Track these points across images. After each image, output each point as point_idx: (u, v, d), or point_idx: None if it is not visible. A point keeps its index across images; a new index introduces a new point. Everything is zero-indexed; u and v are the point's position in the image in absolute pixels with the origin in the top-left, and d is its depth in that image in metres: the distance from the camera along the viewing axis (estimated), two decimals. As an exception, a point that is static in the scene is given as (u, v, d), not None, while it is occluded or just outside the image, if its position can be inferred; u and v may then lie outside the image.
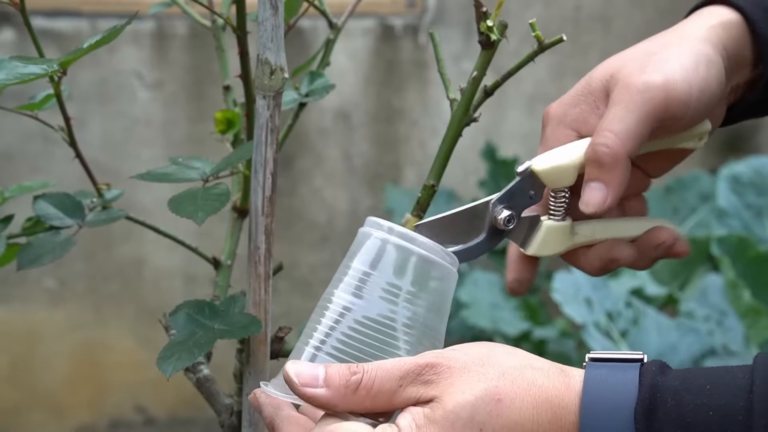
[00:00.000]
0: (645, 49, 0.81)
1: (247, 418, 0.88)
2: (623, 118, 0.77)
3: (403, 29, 3.17)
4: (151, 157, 3.00)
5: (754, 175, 3.01)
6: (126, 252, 3.06)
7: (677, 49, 0.80)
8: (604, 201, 0.78)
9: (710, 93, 0.80)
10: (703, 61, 0.79)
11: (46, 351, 3.07)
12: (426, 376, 0.69)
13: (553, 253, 0.83)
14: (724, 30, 0.82)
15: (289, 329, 0.90)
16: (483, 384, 0.68)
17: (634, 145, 0.78)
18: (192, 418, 3.13)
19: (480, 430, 0.67)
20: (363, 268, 0.74)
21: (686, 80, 0.78)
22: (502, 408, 0.67)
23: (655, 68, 0.78)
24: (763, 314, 2.60)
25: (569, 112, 0.82)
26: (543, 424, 0.67)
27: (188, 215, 0.85)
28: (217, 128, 1.02)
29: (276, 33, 0.80)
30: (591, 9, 3.27)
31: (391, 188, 3.12)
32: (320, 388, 0.70)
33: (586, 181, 0.79)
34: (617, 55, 0.83)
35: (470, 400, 0.67)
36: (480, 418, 0.67)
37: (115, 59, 2.99)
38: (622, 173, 0.78)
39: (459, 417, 0.67)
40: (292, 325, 0.93)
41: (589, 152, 0.78)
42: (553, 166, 0.80)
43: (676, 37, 0.82)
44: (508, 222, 0.80)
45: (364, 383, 0.69)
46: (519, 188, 0.80)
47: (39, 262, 0.92)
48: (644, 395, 0.66)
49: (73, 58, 0.82)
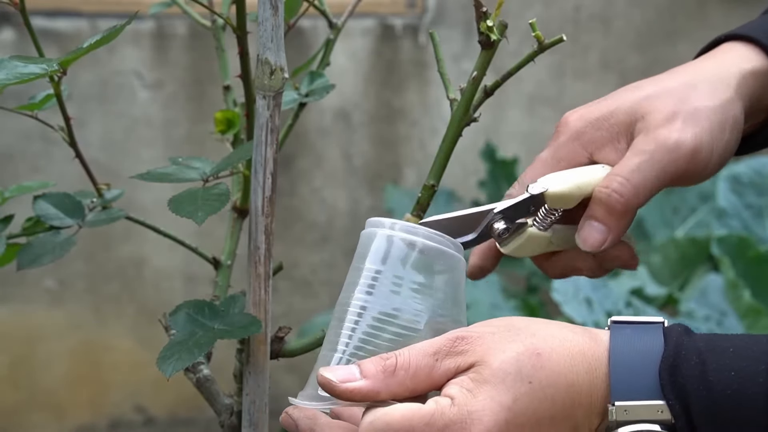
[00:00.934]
0: (676, 95, 0.80)
1: (247, 418, 0.88)
2: (644, 171, 0.78)
3: (403, 29, 3.17)
4: (151, 157, 3.00)
5: (754, 175, 3.01)
6: (126, 252, 3.06)
7: (709, 100, 0.79)
8: (603, 243, 0.80)
9: (727, 157, 0.81)
10: (730, 124, 0.80)
11: (46, 351, 3.07)
12: (459, 347, 0.70)
13: (526, 255, 0.84)
14: (754, 80, 0.82)
15: (289, 329, 0.90)
16: (518, 343, 0.70)
17: (647, 198, 0.79)
18: (192, 418, 3.13)
19: (529, 383, 0.68)
20: (374, 266, 0.74)
21: (711, 145, 0.78)
22: (543, 360, 0.69)
23: (685, 127, 0.78)
24: (763, 314, 2.60)
25: (588, 132, 0.82)
26: (580, 374, 0.69)
27: (188, 215, 0.85)
28: (217, 128, 1.02)
29: (276, 33, 0.80)
30: (591, 9, 3.27)
31: (391, 188, 3.12)
32: (359, 380, 0.70)
33: (588, 217, 0.80)
34: (647, 93, 0.81)
35: (513, 356, 0.69)
36: (526, 371, 0.69)
37: (115, 59, 2.99)
38: (627, 222, 0.79)
39: (507, 372, 0.68)
40: (292, 325, 0.93)
41: (603, 195, 0.79)
42: (563, 192, 0.80)
43: (708, 83, 0.81)
44: (502, 234, 0.81)
45: (401, 364, 0.70)
46: (524, 204, 0.81)
47: (39, 262, 0.92)
48: (669, 353, 0.68)
49: (73, 58, 0.82)
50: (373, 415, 0.69)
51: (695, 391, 0.67)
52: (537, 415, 0.68)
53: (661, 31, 3.21)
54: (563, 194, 0.81)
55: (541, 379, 0.69)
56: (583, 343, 0.70)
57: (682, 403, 0.67)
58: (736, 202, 2.99)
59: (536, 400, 0.68)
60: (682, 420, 0.67)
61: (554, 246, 0.84)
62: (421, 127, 3.21)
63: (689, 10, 3.20)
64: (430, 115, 3.20)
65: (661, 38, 3.23)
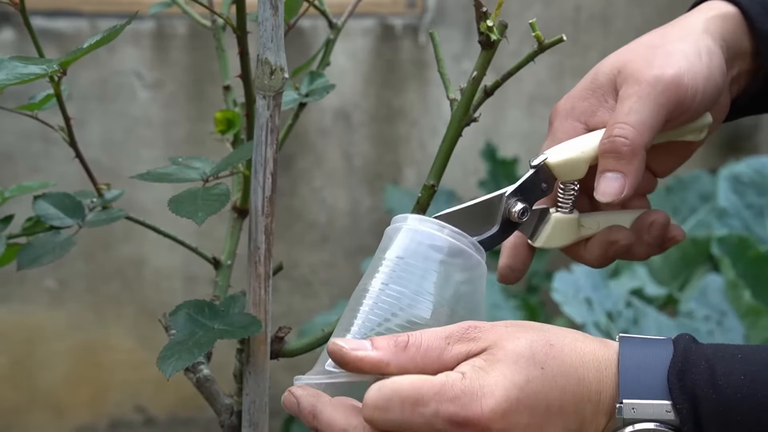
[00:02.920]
0: (648, 43, 0.83)
1: (247, 418, 0.88)
2: (639, 110, 0.79)
3: (403, 29, 3.17)
4: (151, 157, 3.00)
5: (754, 175, 3.01)
6: (126, 252, 3.06)
7: (679, 41, 0.82)
8: (622, 190, 0.80)
9: (714, 82, 0.82)
10: (704, 51, 0.82)
11: (46, 351, 3.07)
12: (471, 334, 0.70)
13: (560, 245, 0.84)
14: (722, 21, 0.85)
15: (289, 329, 0.90)
16: (532, 332, 0.70)
17: (650, 137, 0.79)
18: (192, 418, 3.13)
19: (542, 368, 0.69)
20: (395, 257, 0.75)
21: (692, 72, 0.80)
22: (556, 351, 0.69)
23: (663, 62, 0.80)
24: (764, 314, 2.60)
25: (577, 105, 0.84)
26: (590, 371, 0.69)
27: (188, 215, 0.85)
28: (217, 128, 1.02)
29: (276, 33, 0.80)
30: (591, 9, 3.27)
31: (391, 188, 3.12)
32: (370, 350, 0.70)
33: (602, 172, 0.80)
34: (621, 50, 0.84)
35: (526, 342, 0.69)
36: (540, 357, 0.69)
37: (115, 59, 2.99)
38: (639, 164, 0.79)
39: (521, 355, 0.69)
40: (292, 325, 0.93)
41: (606, 144, 0.80)
42: (566, 159, 0.81)
43: (677, 29, 0.85)
44: (523, 215, 0.81)
45: (413, 342, 0.70)
46: (532, 181, 0.81)
47: (39, 262, 0.92)
48: (677, 358, 0.68)
49: (73, 58, 0.82)
50: (382, 383, 0.69)
51: (704, 394, 0.67)
52: (547, 401, 0.68)
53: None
54: (567, 161, 0.81)
55: (553, 367, 0.69)
56: (593, 345, 0.71)
57: (690, 405, 0.67)
58: (736, 201, 2.99)
59: (548, 386, 0.68)
60: (690, 423, 0.67)
61: (585, 230, 0.83)
62: (421, 127, 3.21)
63: (689, 10, 3.20)
64: (430, 115, 3.20)
65: (661, 38, 3.22)
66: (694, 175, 3.14)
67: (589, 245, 0.84)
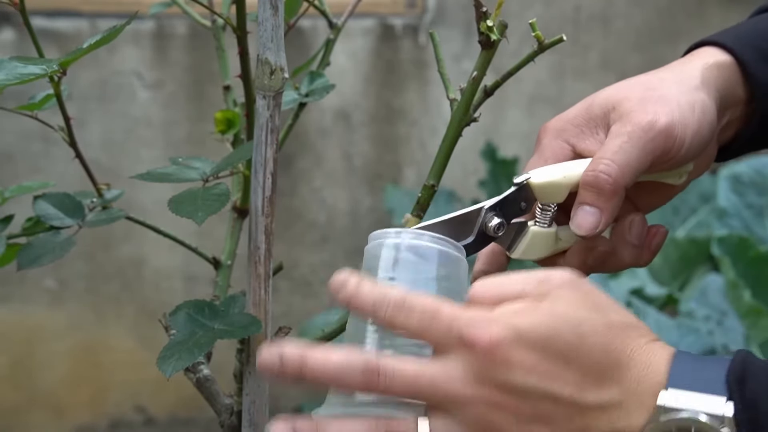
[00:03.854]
0: (646, 84, 0.84)
1: (247, 418, 0.88)
2: (627, 151, 0.80)
3: (403, 29, 3.17)
4: (151, 157, 3.00)
5: (754, 175, 3.01)
6: (126, 252, 3.06)
7: (676, 89, 0.83)
8: (597, 226, 0.80)
9: (701, 137, 0.83)
10: (698, 106, 0.83)
11: (46, 351, 3.07)
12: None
13: (537, 257, 0.84)
14: (718, 71, 0.86)
15: (289, 329, 0.90)
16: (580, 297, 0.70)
17: (632, 178, 0.80)
18: (192, 418, 3.13)
19: (583, 316, 0.68)
20: (387, 274, 0.74)
21: (683, 124, 0.81)
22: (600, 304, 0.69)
23: (658, 109, 0.81)
24: (764, 314, 2.60)
25: (568, 129, 0.85)
26: (641, 343, 0.68)
27: (188, 215, 0.85)
28: (217, 128, 1.02)
29: (276, 33, 0.80)
30: (591, 9, 3.27)
31: (391, 188, 3.12)
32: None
33: (580, 204, 0.81)
34: (618, 85, 0.85)
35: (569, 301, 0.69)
36: (586, 303, 0.68)
37: (115, 59, 2.99)
38: (617, 202, 0.80)
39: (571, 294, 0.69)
40: (292, 325, 0.93)
41: (590, 177, 0.80)
42: (549, 181, 0.82)
43: (674, 76, 0.86)
44: (498, 229, 0.82)
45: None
46: (513, 198, 0.82)
47: (39, 262, 0.92)
48: (736, 366, 0.67)
49: (73, 59, 0.82)
50: (405, 295, 0.69)
51: (765, 401, 0.66)
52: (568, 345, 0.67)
53: (661, 31, 3.21)
54: (549, 184, 0.81)
55: (612, 303, 0.69)
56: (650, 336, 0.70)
57: (750, 413, 0.66)
58: (736, 201, 2.99)
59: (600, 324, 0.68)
60: (747, 427, 0.66)
61: (563, 242, 0.84)
62: (421, 127, 3.21)
63: (689, 10, 3.20)
64: (430, 115, 3.20)
65: (661, 38, 3.23)
66: (694, 175, 3.13)
67: (567, 255, 0.84)
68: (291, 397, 3.04)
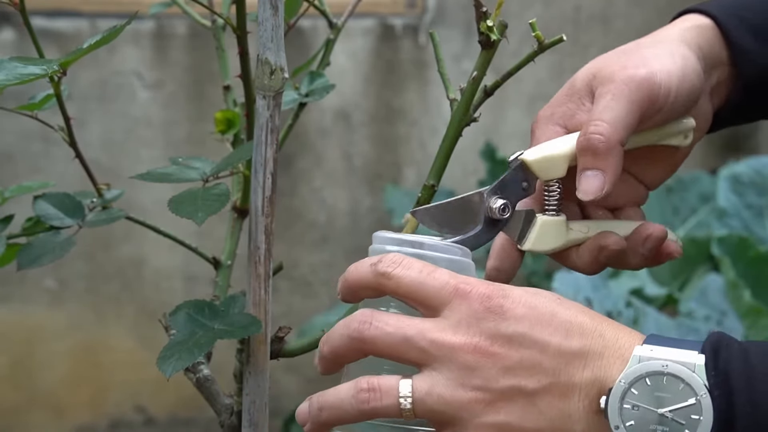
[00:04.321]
0: (622, 50, 0.86)
1: (247, 418, 0.88)
2: (612, 107, 0.80)
3: (403, 29, 3.17)
4: (151, 157, 3.00)
5: (754, 175, 3.01)
6: (126, 252, 3.06)
7: (652, 47, 0.84)
8: (602, 187, 0.80)
9: (689, 82, 0.83)
10: (678, 54, 0.83)
11: (46, 351, 3.07)
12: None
13: (549, 248, 0.83)
14: (697, 31, 0.87)
15: (289, 329, 0.90)
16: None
17: (625, 133, 0.80)
18: (192, 418, 3.13)
19: (558, 299, 0.71)
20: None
21: (664, 71, 0.82)
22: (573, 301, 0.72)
23: (636, 62, 0.82)
24: (764, 314, 2.60)
25: (556, 111, 0.85)
26: (606, 325, 0.71)
27: (188, 215, 0.84)
28: (217, 128, 1.02)
29: (276, 33, 0.80)
30: (591, 9, 3.27)
31: (391, 188, 3.12)
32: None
33: (581, 170, 0.81)
34: (597, 59, 0.87)
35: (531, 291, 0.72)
36: (555, 296, 0.71)
37: (115, 59, 2.99)
38: (616, 160, 0.80)
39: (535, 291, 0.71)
40: (292, 325, 0.93)
41: (583, 142, 0.80)
42: (543, 156, 0.81)
43: (651, 38, 0.87)
44: (503, 211, 0.81)
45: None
46: (511, 179, 0.82)
47: (39, 262, 0.92)
48: (710, 339, 0.69)
49: (73, 59, 0.82)
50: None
51: (736, 368, 0.67)
52: (553, 311, 0.70)
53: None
54: (545, 158, 0.81)
55: (565, 301, 0.71)
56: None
57: (721, 376, 0.67)
58: (736, 202, 2.99)
59: (555, 303, 0.70)
60: (720, 390, 0.67)
61: (575, 233, 0.83)
62: (421, 127, 3.21)
63: (689, 10, 3.20)
64: (430, 115, 3.20)
65: (661, 38, 3.22)
66: (694, 176, 3.14)
67: (580, 250, 0.84)
68: (291, 397, 3.04)
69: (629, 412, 0.67)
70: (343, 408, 0.70)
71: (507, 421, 0.68)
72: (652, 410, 0.67)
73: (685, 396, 0.67)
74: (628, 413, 0.67)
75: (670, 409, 0.67)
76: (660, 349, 0.68)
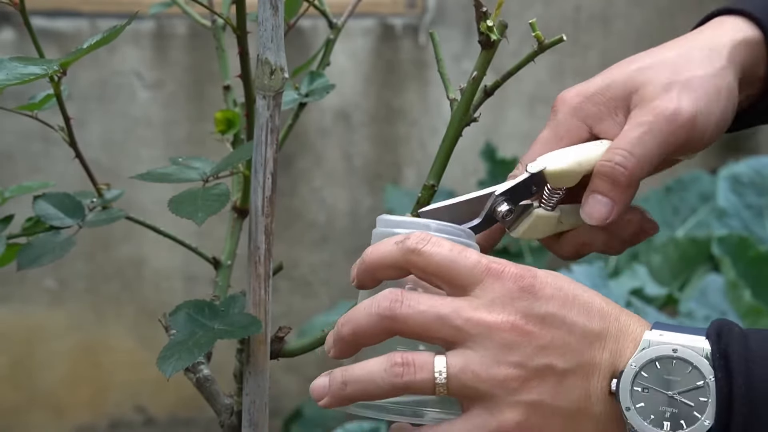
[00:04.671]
0: (670, 66, 0.81)
1: (247, 418, 0.88)
2: (646, 143, 0.78)
3: (403, 29, 3.17)
4: (151, 157, 3.00)
5: (754, 175, 3.01)
6: (126, 252, 3.06)
7: (702, 71, 0.80)
8: (609, 216, 0.80)
9: (725, 123, 0.81)
10: (724, 91, 0.80)
11: (46, 351, 3.07)
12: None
13: (536, 237, 0.84)
14: (746, 49, 0.83)
15: (289, 329, 0.90)
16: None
17: (648, 171, 0.79)
18: (192, 418, 3.13)
19: (570, 281, 0.71)
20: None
21: (707, 113, 0.79)
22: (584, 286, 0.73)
23: (682, 97, 0.79)
24: (764, 314, 2.60)
25: (585, 107, 0.82)
26: (621, 311, 0.72)
27: (188, 215, 0.84)
28: (217, 128, 1.02)
29: (276, 33, 0.80)
30: (591, 9, 3.27)
31: (391, 188, 3.12)
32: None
33: (592, 192, 0.80)
34: (641, 62, 0.82)
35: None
36: (568, 278, 0.72)
37: (115, 59, 2.99)
38: (631, 193, 0.79)
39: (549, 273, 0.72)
40: (292, 325, 0.93)
41: (606, 168, 0.79)
42: (564, 169, 0.80)
43: (702, 53, 0.82)
44: (506, 216, 0.81)
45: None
46: (524, 185, 0.81)
47: (39, 262, 0.92)
48: (714, 325, 0.70)
49: (73, 59, 0.82)
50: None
51: (736, 351, 0.68)
52: (574, 293, 0.71)
53: (661, 31, 3.21)
54: (563, 171, 0.80)
55: (578, 286, 0.72)
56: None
57: (724, 360, 0.68)
58: (736, 202, 2.99)
59: (573, 286, 0.71)
60: (721, 373, 0.68)
61: (563, 225, 0.83)
62: (421, 127, 3.21)
63: (689, 10, 3.20)
64: (430, 115, 3.20)
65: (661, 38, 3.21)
66: (694, 176, 3.14)
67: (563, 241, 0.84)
68: (291, 397, 3.04)
69: (639, 394, 0.69)
70: (374, 382, 0.69)
71: (540, 400, 0.69)
72: (661, 392, 0.69)
73: (693, 379, 0.68)
74: (638, 395, 0.69)
75: (679, 391, 0.69)
76: (669, 333, 0.70)
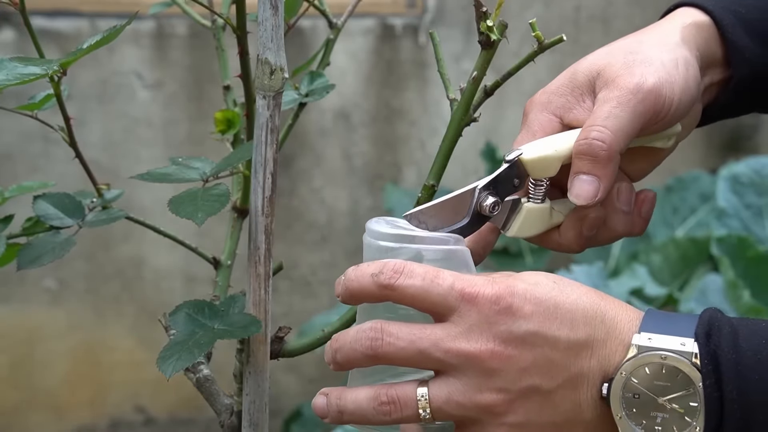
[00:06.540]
0: (626, 48, 0.84)
1: (247, 418, 0.88)
2: (618, 115, 0.79)
3: (403, 29, 3.17)
4: (151, 157, 3.00)
5: (753, 175, 3.01)
6: (126, 252, 3.06)
7: (657, 48, 0.83)
8: (596, 194, 0.80)
9: (690, 93, 0.83)
10: (681, 62, 0.83)
11: (46, 351, 3.07)
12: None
13: (532, 233, 0.84)
14: (696, 30, 0.86)
15: (289, 329, 0.90)
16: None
17: (625, 143, 0.80)
18: (192, 418, 3.13)
19: (554, 282, 0.72)
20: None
21: (670, 82, 0.81)
22: (572, 282, 0.73)
23: (643, 70, 0.81)
24: (763, 314, 2.60)
25: (553, 100, 0.84)
26: (608, 303, 0.72)
27: (188, 216, 0.84)
28: (217, 128, 1.02)
29: (276, 33, 0.80)
30: (591, 9, 3.27)
31: (391, 188, 3.12)
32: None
33: (576, 173, 0.81)
34: (599, 52, 0.85)
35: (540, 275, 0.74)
36: (552, 277, 0.73)
37: (115, 59, 2.99)
38: (613, 168, 0.80)
39: (533, 274, 0.73)
40: (292, 325, 0.93)
41: (583, 145, 0.80)
42: (540, 156, 0.81)
43: (654, 36, 0.85)
44: (493, 209, 0.81)
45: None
46: (505, 176, 0.82)
47: (39, 262, 0.92)
48: (702, 321, 0.71)
49: (73, 59, 0.82)
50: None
51: (726, 354, 0.68)
52: (556, 301, 0.71)
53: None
54: (540, 158, 0.81)
55: (566, 284, 0.73)
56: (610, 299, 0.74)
57: (713, 365, 0.69)
58: (735, 202, 2.99)
59: (557, 291, 0.72)
60: (711, 380, 0.68)
61: (557, 215, 0.83)
62: (421, 127, 3.21)
63: (689, 10, 3.20)
64: (430, 115, 3.20)
65: (661, 38, 3.23)
66: (693, 175, 3.14)
67: (563, 230, 0.84)
68: (291, 397, 3.04)
69: (631, 400, 0.69)
70: (366, 417, 0.72)
71: (526, 419, 0.70)
72: (652, 398, 0.69)
73: (683, 385, 0.69)
74: (629, 401, 0.69)
75: (670, 397, 0.69)
76: (658, 337, 0.70)
